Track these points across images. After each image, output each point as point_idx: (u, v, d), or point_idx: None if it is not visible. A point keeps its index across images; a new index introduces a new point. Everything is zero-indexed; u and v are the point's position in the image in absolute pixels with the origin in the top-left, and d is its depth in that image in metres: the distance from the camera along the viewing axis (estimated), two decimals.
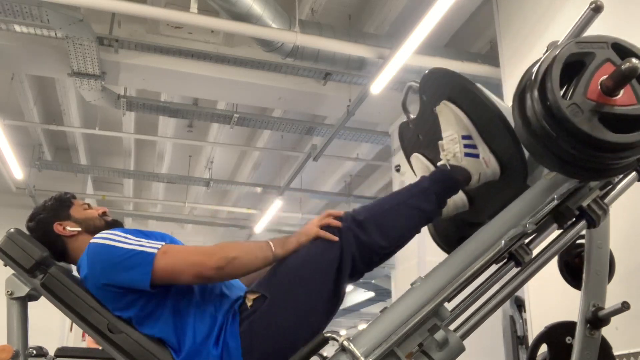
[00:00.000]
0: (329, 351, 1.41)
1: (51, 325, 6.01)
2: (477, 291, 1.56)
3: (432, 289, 1.39)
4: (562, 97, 1.28)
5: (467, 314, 1.47)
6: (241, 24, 4.48)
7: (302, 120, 6.84)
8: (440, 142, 1.65)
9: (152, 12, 4.60)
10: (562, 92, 1.30)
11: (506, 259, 1.56)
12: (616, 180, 1.58)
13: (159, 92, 6.55)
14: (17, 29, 4.96)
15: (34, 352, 1.61)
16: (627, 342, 2.45)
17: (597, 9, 1.44)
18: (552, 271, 2.04)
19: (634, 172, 1.59)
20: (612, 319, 1.84)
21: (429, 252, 4.78)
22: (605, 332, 1.91)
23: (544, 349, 2.10)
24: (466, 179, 1.58)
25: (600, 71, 1.28)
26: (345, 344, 1.27)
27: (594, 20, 1.47)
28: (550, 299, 3.03)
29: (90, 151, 8.36)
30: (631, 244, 2.55)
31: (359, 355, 1.25)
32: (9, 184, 8.10)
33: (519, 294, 4.05)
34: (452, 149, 1.60)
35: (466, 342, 1.37)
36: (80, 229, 1.58)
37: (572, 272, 2.20)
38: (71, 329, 7.65)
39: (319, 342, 1.29)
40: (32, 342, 1.55)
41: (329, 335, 1.29)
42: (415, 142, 1.86)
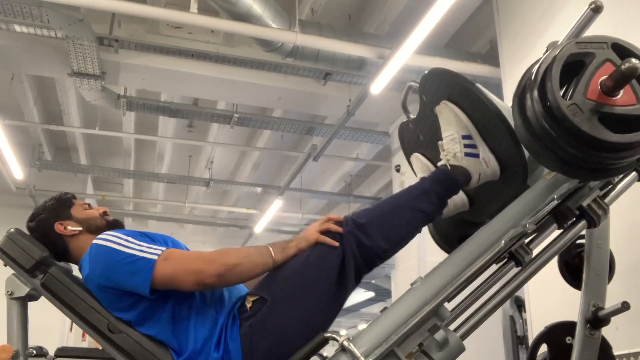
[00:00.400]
0: (329, 351, 1.41)
1: (51, 325, 6.01)
2: (477, 291, 1.56)
3: (432, 289, 1.39)
4: (562, 97, 1.28)
5: (467, 314, 1.47)
6: (241, 24, 4.48)
7: (302, 120, 6.84)
8: (440, 142, 1.65)
9: (152, 12, 4.60)
10: (562, 92, 1.31)
11: (506, 259, 1.55)
12: (616, 180, 1.58)
13: (159, 92, 6.55)
14: (17, 29, 4.96)
15: (34, 352, 1.61)
16: (627, 342, 2.45)
17: (596, 9, 1.44)
18: (552, 271, 2.04)
19: (634, 172, 1.59)
20: (612, 319, 1.84)
21: (429, 252, 4.79)
22: (605, 332, 1.91)
23: (544, 349, 2.10)
24: (466, 178, 1.58)
25: (600, 71, 1.28)
26: (345, 344, 1.27)
27: (594, 20, 1.48)
28: (550, 299, 3.03)
29: (90, 151, 8.36)
30: (631, 244, 2.55)
31: (359, 355, 1.25)
32: (9, 184, 8.10)
33: (519, 294, 4.05)
34: (452, 149, 1.60)
35: (466, 342, 1.37)
36: (81, 229, 1.58)
37: (572, 272, 2.20)
38: (71, 329, 7.64)
39: (319, 342, 1.29)
40: (32, 342, 1.55)
41: (328, 335, 1.29)
42: (415, 142, 1.87)
